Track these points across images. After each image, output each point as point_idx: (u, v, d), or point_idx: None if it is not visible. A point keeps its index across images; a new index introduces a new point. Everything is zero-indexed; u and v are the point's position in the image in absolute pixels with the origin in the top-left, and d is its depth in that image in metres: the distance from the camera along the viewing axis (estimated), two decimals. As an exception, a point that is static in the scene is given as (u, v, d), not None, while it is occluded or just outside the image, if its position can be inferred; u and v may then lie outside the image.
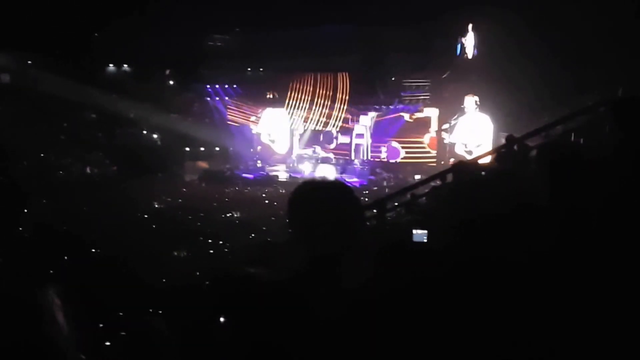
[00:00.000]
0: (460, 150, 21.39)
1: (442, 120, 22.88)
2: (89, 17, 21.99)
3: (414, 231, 2.85)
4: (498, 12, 17.95)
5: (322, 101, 25.94)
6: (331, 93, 25.71)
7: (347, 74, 25.29)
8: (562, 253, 1.80)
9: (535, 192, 2.09)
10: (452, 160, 17.40)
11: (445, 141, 22.31)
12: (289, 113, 26.88)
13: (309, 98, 26.24)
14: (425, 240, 2.80)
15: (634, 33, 13.70)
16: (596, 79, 13.11)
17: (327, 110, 25.94)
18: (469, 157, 14.48)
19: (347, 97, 25.36)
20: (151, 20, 22.13)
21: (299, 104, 26.52)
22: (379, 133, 24.85)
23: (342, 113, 25.64)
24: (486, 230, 1.98)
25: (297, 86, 26.60)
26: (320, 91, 26.01)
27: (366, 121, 25.13)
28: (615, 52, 14.05)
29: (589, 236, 1.82)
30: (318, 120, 26.25)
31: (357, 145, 25.23)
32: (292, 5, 22.66)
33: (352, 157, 24.94)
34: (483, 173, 4.13)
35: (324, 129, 25.80)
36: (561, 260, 1.78)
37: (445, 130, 22.41)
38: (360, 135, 25.21)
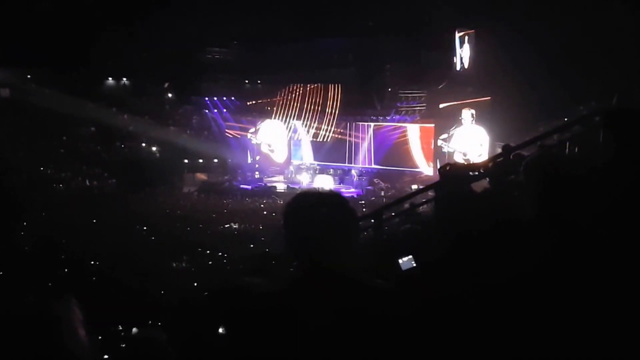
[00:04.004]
0: (458, 159, 21.44)
1: (438, 130, 22.99)
2: (88, 31, 22.07)
3: (400, 260, 2.78)
4: (494, 25, 18.08)
5: (318, 111, 26.04)
6: (327, 103, 25.81)
7: (339, 85, 25.44)
8: (555, 266, 1.80)
9: (526, 204, 2.10)
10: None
11: (444, 150, 22.39)
12: (286, 124, 27.01)
13: (306, 109, 26.34)
14: (415, 264, 2.75)
15: (628, 44, 13.79)
16: (592, 89, 13.19)
17: (323, 121, 26.05)
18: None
19: (338, 108, 25.49)
20: (149, 33, 22.22)
21: (297, 114, 26.62)
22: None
23: (335, 122, 25.83)
24: (478, 244, 1.99)
25: (295, 98, 26.70)
26: (316, 102, 26.11)
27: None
28: (610, 62, 14.12)
29: (582, 249, 1.82)
30: (314, 129, 26.39)
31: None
32: (290, 19, 22.78)
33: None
34: (475, 173, 4.14)
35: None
36: (555, 273, 1.79)
37: (444, 139, 22.51)
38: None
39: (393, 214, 7.44)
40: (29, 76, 24.60)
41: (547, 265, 1.80)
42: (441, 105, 22.57)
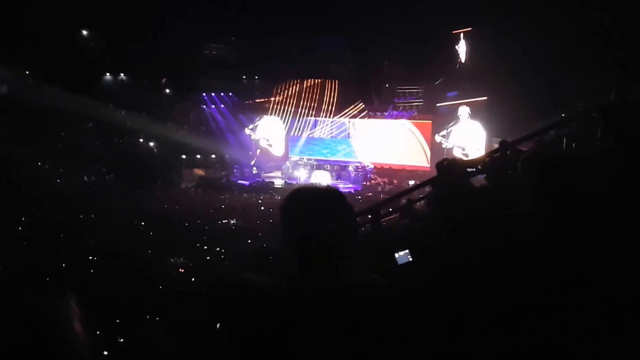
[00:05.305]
0: (457, 154, 21.65)
1: (435, 125, 23.11)
2: (87, 27, 22.04)
3: (396, 254, 2.78)
4: (491, 22, 18.10)
5: (315, 107, 26.11)
6: (324, 99, 25.87)
7: (336, 81, 25.47)
8: (553, 262, 1.80)
9: (524, 199, 2.10)
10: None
11: (443, 146, 22.55)
12: (283, 119, 27.10)
13: (303, 104, 26.39)
14: (411, 259, 2.75)
15: (627, 38, 13.79)
16: (590, 86, 13.19)
17: (320, 116, 26.12)
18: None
19: (335, 103, 25.53)
20: (148, 29, 22.17)
21: (294, 110, 26.67)
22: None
23: (332, 118, 25.89)
24: (475, 239, 1.99)
25: (292, 93, 26.74)
26: (313, 97, 26.17)
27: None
28: (609, 57, 14.12)
29: (580, 244, 1.82)
30: (311, 125, 26.47)
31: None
32: (288, 15, 22.76)
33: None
34: (473, 170, 4.15)
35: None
36: (552, 269, 1.79)
37: (443, 136, 22.67)
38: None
39: (390, 209, 7.46)
40: (27, 72, 24.54)
41: (545, 261, 1.80)
42: (438, 105, 22.73)
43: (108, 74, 27.62)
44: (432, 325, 1.75)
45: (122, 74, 27.79)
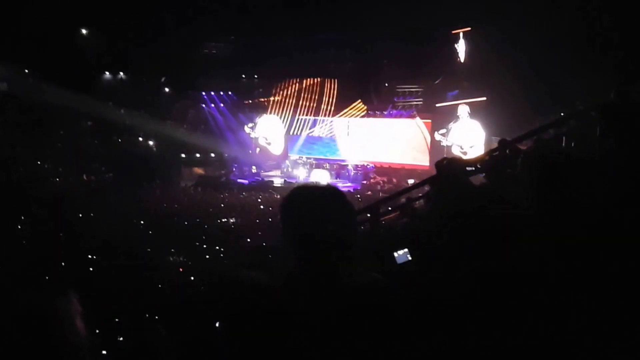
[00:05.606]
0: (456, 152, 21.79)
1: (435, 124, 23.14)
2: (87, 27, 22.02)
3: (395, 254, 2.78)
4: (490, 22, 18.11)
5: (314, 106, 26.15)
6: (323, 98, 25.90)
7: (336, 80, 25.50)
8: (553, 260, 1.80)
9: (523, 197, 2.10)
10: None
11: (442, 144, 22.61)
12: (282, 118, 27.12)
13: (302, 103, 26.43)
14: (410, 258, 2.76)
15: (626, 38, 13.79)
16: (590, 85, 13.18)
17: (319, 115, 26.15)
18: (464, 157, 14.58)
19: (334, 102, 25.58)
20: (147, 29, 22.15)
21: (293, 109, 26.71)
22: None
23: (332, 117, 25.91)
24: (475, 238, 1.99)
25: (291, 92, 26.77)
26: (313, 96, 26.20)
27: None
28: (609, 57, 14.11)
29: (580, 242, 1.81)
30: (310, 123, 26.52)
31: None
32: (287, 14, 22.75)
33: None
34: (472, 168, 4.15)
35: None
36: (552, 267, 1.78)
37: (443, 134, 22.71)
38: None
39: (390, 208, 7.47)
40: (26, 71, 24.52)
41: (545, 260, 1.80)
42: (438, 105, 22.78)
43: (107, 73, 27.59)
44: (432, 325, 1.75)
45: (121, 73, 27.77)
